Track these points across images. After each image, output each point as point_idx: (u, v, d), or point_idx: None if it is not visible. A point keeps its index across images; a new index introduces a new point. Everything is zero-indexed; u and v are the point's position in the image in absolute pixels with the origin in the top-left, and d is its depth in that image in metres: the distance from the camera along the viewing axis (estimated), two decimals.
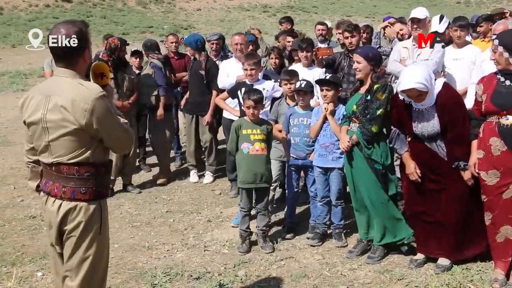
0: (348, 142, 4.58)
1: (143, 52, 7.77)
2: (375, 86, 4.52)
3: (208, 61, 6.98)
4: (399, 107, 4.38)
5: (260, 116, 5.16)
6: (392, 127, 4.51)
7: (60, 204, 2.92)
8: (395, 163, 4.81)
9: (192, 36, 7.52)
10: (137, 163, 7.80)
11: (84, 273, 2.98)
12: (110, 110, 2.87)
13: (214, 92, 6.82)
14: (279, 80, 5.82)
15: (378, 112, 4.44)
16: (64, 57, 2.87)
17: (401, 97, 4.33)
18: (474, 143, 4.17)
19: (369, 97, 4.51)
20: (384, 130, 4.59)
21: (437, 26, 5.83)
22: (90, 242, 2.96)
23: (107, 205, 3.14)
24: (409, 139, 4.40)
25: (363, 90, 4.62)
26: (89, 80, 3.01)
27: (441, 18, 5.95)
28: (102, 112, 2.80)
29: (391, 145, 4.52)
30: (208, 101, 6.89)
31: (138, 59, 7.69)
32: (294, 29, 8.77)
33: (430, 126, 4.22)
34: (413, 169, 4.35)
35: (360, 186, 4.64)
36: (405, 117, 4.34)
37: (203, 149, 7.24)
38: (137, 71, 7.46)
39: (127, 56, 7.38)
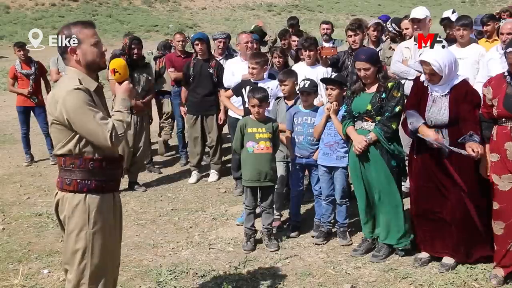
0: (366, 141, 4.54)
1: None
2: (389, 84, 4.52)
3: (216, 60, 7.03)
4: (418, 89, 4.40)
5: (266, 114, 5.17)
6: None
7: (56, 193, 3.07)
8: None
9: (203, 33, 7.56)
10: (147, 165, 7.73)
11: (75, 267, 3.02)
12: (83, 103, 2.85)
13: (223, 91, 6.86)
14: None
15: (397, 109, 4.45)
16: (62, 57, 3.07)
17: (422, 79, 4.40)
18: (486, 146, 4.13)
19: (384, 95, 4.52)
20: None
21: (450, 14, 5.82)
22: (78, 236, 2.99)
23: (110, 202, 3.13)
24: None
25: (372, 89, 4.61)
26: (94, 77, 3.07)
27: (453, 11, 5.98)
28: (73, 105, 2.84)
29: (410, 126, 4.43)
30: (214, 100, 6.92)
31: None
32: (300, 30, 8.77)
33: (440, 114, 4.22)
34: (434, 134, 4.19)
35: (373, 184, 4.63)
36: (422, 100, 4.34)
37: (208, 148, 7.22)
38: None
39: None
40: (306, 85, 5.15)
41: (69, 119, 2.86)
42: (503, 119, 4.01)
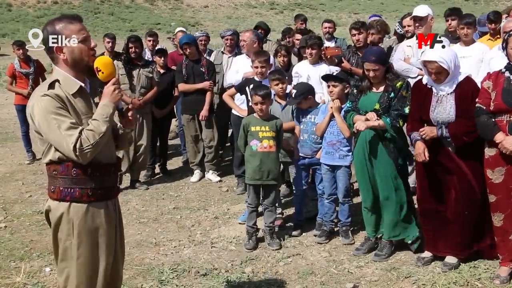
0: (374, 117, 4.46)
1: None
2: (398, 84, 4.51)
3: (206, 59, 7.10)
4: (420, 92, 4.38)
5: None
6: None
7: (47, 200, 2.94)
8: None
9: (189, 36, 7.58)
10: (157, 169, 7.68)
11: (61, 278, 2.88)
12: (48, 112, 2.66)
13: (205, 83, 6.84)
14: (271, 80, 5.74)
15: (406, 110, 4.44)
16: (49, 57, 2.87)
17: (424, 81, 4.37)
18: (500, 133, 3.99)
19: (392, 95, 4.50)
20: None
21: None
22: (64, 245, 2.83)
23: (97, 212, 2.87)
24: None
25: (380, 89, 4.59)
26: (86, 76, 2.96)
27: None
28: (38, 113, 2.68)
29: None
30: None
31: (162, 58, 7.43)
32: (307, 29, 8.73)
33: (446, 112, 4.21)
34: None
35: (379, 182, 4.62)
36: (425, 102, 4.32)
37: (205, 147, 7.13)
38: (161, 70, 7.36)
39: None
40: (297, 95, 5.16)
41: (37, 127, 2.73)
42: (500, 113, 4.02)
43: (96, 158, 2.80)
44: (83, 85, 2.85)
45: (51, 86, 2.73)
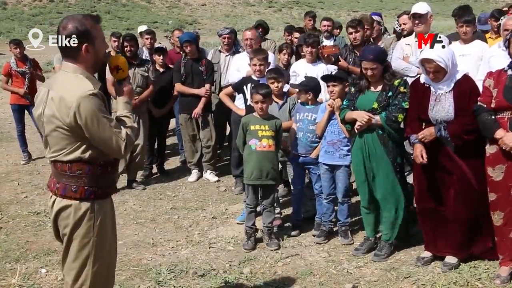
0: (368, 117, 4.45)
1: None
2: (396, 82, 4.50)
3: (205, 58, 7.05)
4: (418, 91, 4.36)
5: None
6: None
7: (54, 200, 2.88)
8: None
9: (190, 34, 7.53)
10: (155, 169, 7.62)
11: (74, 276, 2.88)
12: (98, 110, 2.69)
13: (207, 86, 6.82)
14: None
15: (405, 104, 4.42)
16: (64, 53, 2.83)
17: (422, 80, 4.36)
18: (500, 130, 3.99)
19: (390, 93, 4.48)
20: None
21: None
22: (81, 243, 2.84)
23: (110, 206, 3.01)
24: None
25: (378, 88, 4.57)
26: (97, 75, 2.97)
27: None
28: (87, 112, 2.66)
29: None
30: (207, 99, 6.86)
31: (161, 57, 7.38)
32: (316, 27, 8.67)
33: (444, 111, 4.20)
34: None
35: (378, 182, 4.60)
36: (423, 101, 4.30)
37: (203, 147, 7.09)
38: (161, 69, 7.33)
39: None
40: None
41: (83, 126, 2.68)
42: (501, 110, 4.01)
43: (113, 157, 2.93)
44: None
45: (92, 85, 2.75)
